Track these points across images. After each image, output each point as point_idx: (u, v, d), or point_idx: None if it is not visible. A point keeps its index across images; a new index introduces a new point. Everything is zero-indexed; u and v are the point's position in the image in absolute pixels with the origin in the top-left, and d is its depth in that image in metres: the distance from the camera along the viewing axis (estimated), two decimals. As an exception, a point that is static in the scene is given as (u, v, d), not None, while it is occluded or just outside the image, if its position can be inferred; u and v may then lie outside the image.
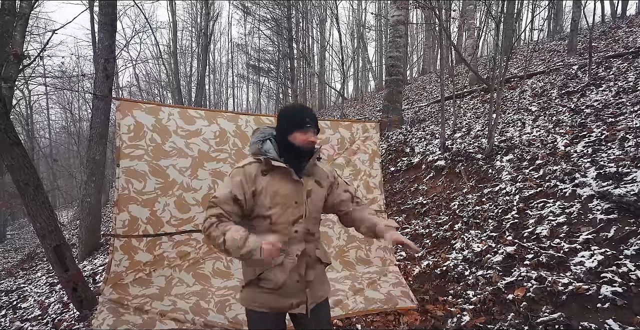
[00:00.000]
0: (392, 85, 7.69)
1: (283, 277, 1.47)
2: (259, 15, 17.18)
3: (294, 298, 1.51)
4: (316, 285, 1.58)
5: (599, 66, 6.28)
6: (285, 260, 1.48)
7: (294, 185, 1.49)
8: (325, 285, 1.67)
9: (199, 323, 2.24)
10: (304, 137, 1.49)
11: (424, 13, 15.68)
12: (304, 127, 1.49)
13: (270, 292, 1.49)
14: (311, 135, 1.51)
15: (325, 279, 1.68)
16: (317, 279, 1.58)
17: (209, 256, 2.59)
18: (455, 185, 4.36)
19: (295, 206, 1.48)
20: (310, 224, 1.55)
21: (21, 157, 3.09)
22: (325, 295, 1.65)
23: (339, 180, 1.69)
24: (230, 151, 2.57)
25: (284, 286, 1.47)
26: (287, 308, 1.52)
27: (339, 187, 1.67)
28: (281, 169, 1.47)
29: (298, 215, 1.50)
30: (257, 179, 1.47)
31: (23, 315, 4.55)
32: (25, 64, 4.92)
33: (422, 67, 20.31)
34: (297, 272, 1.50)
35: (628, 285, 2.15)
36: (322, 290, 1.63)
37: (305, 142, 1.49)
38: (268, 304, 1.51)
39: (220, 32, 25.40)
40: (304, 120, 1.49)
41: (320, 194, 1.59)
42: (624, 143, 3.42)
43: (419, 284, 3.10)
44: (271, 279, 1.47)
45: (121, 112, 2.24)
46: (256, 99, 26.89)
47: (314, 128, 1.53)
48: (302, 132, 1.49)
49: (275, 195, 1.46)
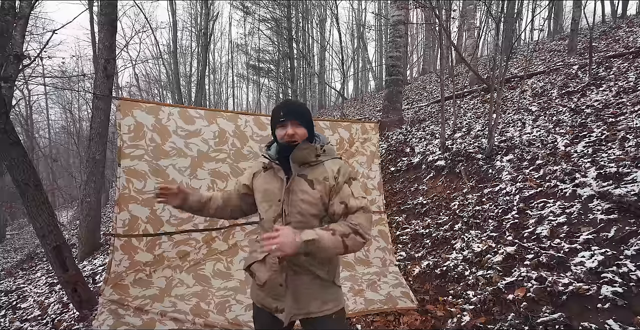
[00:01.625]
0: (392, 85, 7.69)
1: (265, 276, 1.47)
2: (259, 15, 17.19)
3: (277, 302, 1.47)
4: (302, 297, 1.45)
5: (599, 66, 6.28)
6: (267, 258, 1.47)
7: (280, 182, 1.49)
8: (321, 302, 1.47)
9: (199, 323, 2.24)
10: (282, 133, 1.44)
11: (424, 13, 15.68)
12: (279, 121, 1.45)
13: (258, 288, 1.52)
14: (288, 128, 1.42)
15: (322, 295, 1.48)
16: (305, 290, 1.45)
17: (210, 257, 2.59)
18: (455, 185, 4.35)
19: (278, 204, 1.47)
20: (292, 226, 1.36)
21: (21, 157, 3.09)
22: (320, 313, 1.47)
23: (343, 188, 1.43)
24: (229, 151, 2.57)
25: (267, 285, 1.47)
26: (272, 310, 1.49)
27: (337, 196, 1.42)
28: (274, 166, 1.51)
29: (277, 213, 1.47)
30: (257, 175, 1.59)
31: (23, 316, 4.55)
32: (25, 64, 4.91)
33: (422, 67, 20.33)
34: (280, 275, 1.45)
35: (628, 286, 2.15)
36: (313, 305, 1.46)
37: (282, 137, 1.44)
38: (258, 299, 1.55)
39: (221, 32, 25.48)
40: (279, 114, 1.44)
41: (310, 195, 1.42)
42: (624, 143, 3.42)
43: (419, 284, 3.09)
44: (257, 273, 1.51)
45: (121, 112, 2.24)
46: (256, 99, 26.90)
47: (291, 119, 1.43)
48: (280, 128, 1.46)
49: (265, 191, 1.52)
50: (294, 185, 1.45)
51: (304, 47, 18.89)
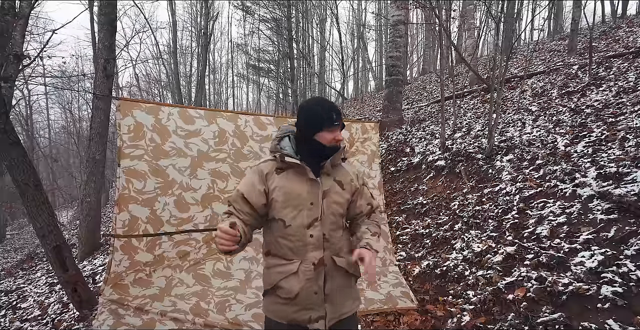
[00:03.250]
0: (392, 85, 7.69)
1: (298, 287, 1.36)
2: (259, 15, 17.19)
3: (312, 311, 1.38)
4: (338, 299, 1.43)
5: (599, 66, 6.28)
6: (301, 267, 1.37)
7: (310, 184, 1.38)
8: (352, 300, 1.49)
9: (199, 323, 2.24)
10: (332, 136, 1.37)
11: (424, 13, 15.67)
12: (332, 124, 1.36)
13: (286, 303, 1.39)
14: (338, 133, 1.40)
15: (352, 293, 1.50)
16: (340, 292, 1.44)
17: (210, 257, 2.59)
18: (455, 185, 4.35)
19: (310, 208, 1.36)
20: (327, 228, 1.40)
21: (21, 157, 3.10)
22: (351, 312, 1.48)
23: (364, 190, 1.53)
24: (229, 151, 2.57)
25: (300, 297, 1.37)
26: (305, 322, 1.39)
27: (362, 197, 1.52)
28: (296, 166, 1.37)
29: (313, 217, 1.37)
30: (270, 177, 1.39)
31: (23, 316, 4.55)
32: (25, 63, 4.91)
33: (422, 67, 20.33)
34: (315, 282, 1.37)
35: (628, 286, 2.15)
36: (346, 306, 1.46)
37: (333, 141, 1.38)
38: (285, 315, 1.41)
39: (220, 32, 25.46)
40: (331, 116, 1.36)
41: (342, 196, 1.44)
42: (624, 143, 3.42)
43: (419, 284, 3.09)
44: (286, 287, 1.37)
45: (121, 112, 2.24)
46: (256, 99, 26.90)
47: (341, 125, 1.41)
48: (330, 131, 1.37)
49: (289, 195, 1.36)
50: (329, 187, 1.42)
51: (304, 47, 18.88)
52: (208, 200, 2.49)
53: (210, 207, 2.51)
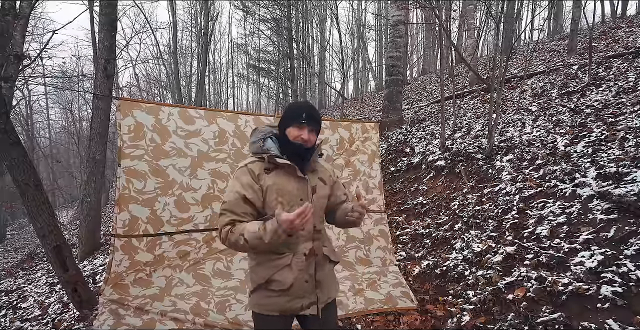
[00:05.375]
0: (392, 85, 7.70)
1: (291, 278, 1.44)
2: (259, 16, 17.18)
3: (304, 299, 1.48)
4: (326, 285, 1.57)
5: (599, 66, 6.28)
6: (294, 260, 1.46)
7: (299, 182, 1.47)
8: (335, 284, 1.66)
9: (199, 323, 2.24)
10: (298, 133, 1.47)
11: (424, 13, 15.68)
12: (298, 121, 1.46)
13: (280, 295, 1.46)
14: (305, 132, 1.47)
15: (334, 278, 1.67)
16: (327, 278, 1.57)
17: (210, 257, 2.59)
18: (455, 185, 4.36)
19: (300, 203, 1.44)
20: (317, 220, 1.53)
21: (21, 157, 3.10)
22: (334, 296, 1.64)
23: (339, 181, 1.71)
24: (229, 151, 2.57)
25: (294, 287, 1.45)
26: (297, 310, 1.48)
27: (339, 188, 1.68)
28: (285, 166, 1.44)
29: None
30: (261, 177, 1.45)
31: (23, 315, 4.56)
32: (26, 64, 4.91)
33: (422, 67, 20.33)
34: (306, 271, 1.47)
35: (628, 285, 2.15)
36: (333, 290, 1.62)
37: (297, 138, 1.46)
38: (278, 306, 1.47)
39: (221, 32, 25.46)
40: (301, 114, 1.46)
41: (325, 191, 1.59)
42: (624, 143, 3.42)
43: (419, 284, 3.10)
44: (279, 279, 1.44)
45: (121, 112, 2.24)
46: (256, 99, 26.91)
47: (311, 126, 1.49)
48: (297, 128, 1.47)
49: (281, 192, 1.44)
50: (316, 184, 1.54)
51: (304, 47, 18.88)
52: (208, 200, 2.50)
53: (210, 207, 2.51)
